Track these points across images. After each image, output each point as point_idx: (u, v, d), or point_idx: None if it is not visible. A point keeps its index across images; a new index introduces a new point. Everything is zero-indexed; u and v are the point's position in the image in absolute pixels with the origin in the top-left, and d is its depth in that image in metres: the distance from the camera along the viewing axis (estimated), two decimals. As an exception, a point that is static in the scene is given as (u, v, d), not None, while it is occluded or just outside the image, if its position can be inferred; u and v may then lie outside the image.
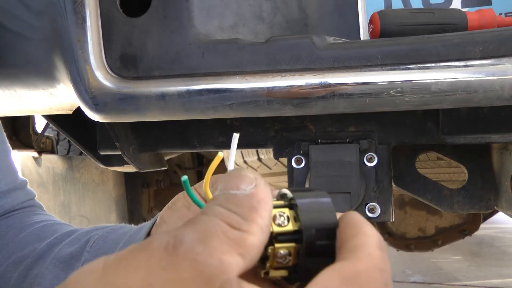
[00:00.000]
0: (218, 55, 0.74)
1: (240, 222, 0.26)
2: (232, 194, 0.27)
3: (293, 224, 0.29)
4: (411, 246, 2.11)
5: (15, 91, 0.87)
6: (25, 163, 1.72)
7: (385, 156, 0.90)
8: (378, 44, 0.72)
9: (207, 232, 0.25)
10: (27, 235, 0.56)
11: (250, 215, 0.26)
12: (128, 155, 0.97)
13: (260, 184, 0.28)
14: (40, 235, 0.55)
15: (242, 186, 0.27)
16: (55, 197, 1.83)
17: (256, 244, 0.26)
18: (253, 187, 0.27)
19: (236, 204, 0.27)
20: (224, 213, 0.26)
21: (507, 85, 0.68)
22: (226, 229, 0.25)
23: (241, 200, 0.27)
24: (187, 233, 0.25)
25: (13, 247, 0.55)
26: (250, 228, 0.26)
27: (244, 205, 0.27)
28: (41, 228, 0.57)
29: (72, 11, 0.74)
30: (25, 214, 0.61)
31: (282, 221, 0.29)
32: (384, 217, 0.89)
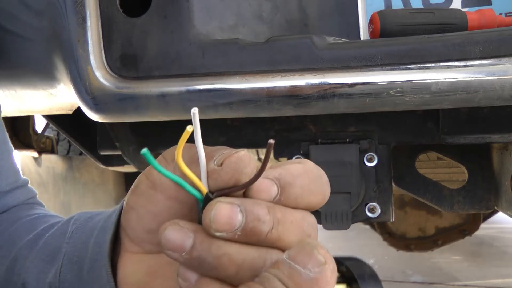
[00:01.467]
0: (218, 55, 0.74)
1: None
2: (297, 271, 0.27)
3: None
4: (411, 246, 2.11)
5: (15, 91, 0.87)
6: (25, 163, 1.72)
7: (385, 156, 0.90)
8: (378, 44, 0.72)
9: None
10: (18, 227, 0.56)
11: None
12: (128, 155, 0.98)
13: (327, 270, 0.27)
14: (29, 228, 0.55)
15: (310, 266, 0.27)
16: (55, 197, 1.83)
17: None
18: (319, 271, 0.27)
19: (297, 284, 0.26)
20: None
21: (507, 85, 0.68)
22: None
23: (303, 282, 0.26)
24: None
25: (4, 239, 0.55)
26: None
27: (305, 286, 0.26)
28: (31, 220, 0.57)
29: (72, 11, 0.74)
30: (21, 209, 0.61)
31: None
32: (384, 217, 0.89)
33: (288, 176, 0.34)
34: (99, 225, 0.47)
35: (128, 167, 1.18)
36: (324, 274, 0.27)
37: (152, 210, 0.39)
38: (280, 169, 0.35)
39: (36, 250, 0.51)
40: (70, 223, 0.51)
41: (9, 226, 0.56)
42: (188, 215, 0.38)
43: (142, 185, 0.40)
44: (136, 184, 0.41)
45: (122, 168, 1.22)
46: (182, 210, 0.38)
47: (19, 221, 0.57)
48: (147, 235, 0.40)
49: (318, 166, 0.36)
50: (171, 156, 0.38)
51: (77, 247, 0.48)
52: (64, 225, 0.51)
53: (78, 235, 0.49)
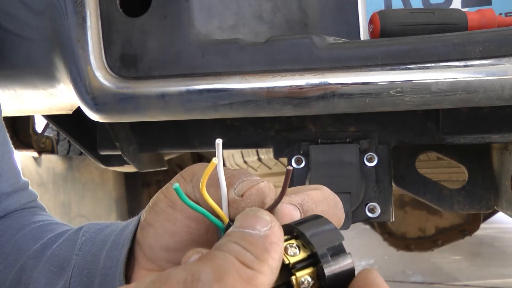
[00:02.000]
0: (218, 55, 0.74)
1: (253, 261, 0.27)
2: (248, 233, 0.29)
3: (304, 250, 0.31)
4: (411, 246, 2.11)
5: (15, 91, 0.87)
6: (25, 163, 1.72)
7: (385, 156, 0.90)
8: (378, 44, 0.72)
9: (223, 270, 0.27)
10: (24, 235, 0.55)
11: (263, 255, 0.28)
12: (128, 155, 0.98)
13: (274, 227, 0.29)
14: (36, 236, 0.55)
15: (258, 227, 0.29)
16: (55, 197, 1.83)
17: (265, 284, 0.27)
18: (268, 229, 0.29)
19: (251, 243, 0.28)
20: (238, 251, 0.28)
21: (507, 85, 0.68)
22: (240, 268, 0.27)
23: (255, 240, 0.28)
24: (204, 270, 0.26)
25: (10, 247, 0.54)
26: (261, 268, 0.27)
27: (258, 245, 0.28)
28: (37, 228, 0.56)
29: (72, 11, 0.74)
30: (24, 214, 0.60)
31: (294, 251, 0.31)
32: (384, 217, 0.89)
33: (310, 202, 0.37)
34: (111, 238, 0.47)
35: (128, 167, 1.18)
36: (273, 230, 0.29)
37: (170, 229, 0.40)
38: (302, 195, 0.37)
39: (43, 261, 0.50)
40: (79, 234, 0.51)
41: (14, 233, 0.56)
42: (205, 235, 0.39)
43: (161, 203, 0.40)
44: (154, 202, 0.41)
45: (122, 168, 1.22)
46: (199, 230, 0.39)
47: (24, 229, 0.56)
48: (164, 253, 0.41)
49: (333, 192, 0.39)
50: (190, 175, 0.39)
51: (87, 259, 0.47)
52: (73, 236, 0.51)
53: (88, 248, 0.48)
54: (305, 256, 0.31)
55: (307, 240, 0.31)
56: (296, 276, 0.30)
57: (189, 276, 0.26)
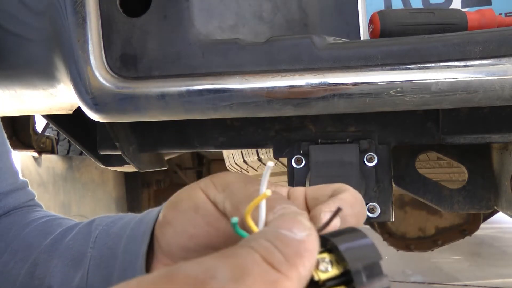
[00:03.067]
0: (218, 55, 0.74)
1: (282, 263, 0.24)
2: (283, 234, 0.25)
3: (337, 267, 0.28)
4: (411, 246, 2.11)
5: (15, 91, 0.87)
6: (25, 163, 1.72)
7: (385, 156, 0.90)
8: (378, 44, 0.72)
9: (243, 269, 0.23)
10: (31, 231, 0.56)
11: (294, 259, 0.25)
12: (128, 155, 0.98)
13: (313, 234, 0.26)
14: (44, 231, 0.55)
15: (295, 230, 0.26)
16: (55, 197, 1.83)
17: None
18: (306, 234, 0.26)
19: (284, 243, 0.25)
20: (268, 248, 0.25)
21: (507, 85, 0.68)
22: (265, 269, 0.24)
23: (290, 242, 0.25)
24: (221, 267, 0.23)
25: (18, 244, 0.55)
26: (290, 273, 0.24)
27: (292, 247, 0.25)
28: (44, 223, 0.57)
29: (72, 11, 0.74)
30: (25, 211, 0.61)
31: (326, 266, 0.28)
32: (384, 217, 0.89)
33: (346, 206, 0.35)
34: (127, 231, 0.46)
35: (128, 167, 1.18)
36: (311, 237, 0.26)
37: (190, 231, 0.38)
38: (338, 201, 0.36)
39: (57, 255, 0.50)
40: (91, 227, 0.50)
41: (20, 229, 0.56)
42: (223, 243, 0.37)
43: (184, 204, 0.39)
44: (176, 201, 0.40)
45: (122, 168, 1.22)
46: (219, 238, 0.38)
47: (30, 225, 0.57)
48: (181, 252, 0.40)
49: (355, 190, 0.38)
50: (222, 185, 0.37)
51: (104, 252, 0.47)
52: (85, 229, 0.51)
53: (103, 241, 0.48)
54: (338, 273, 0.28)
55: (341, 256, 0.28)
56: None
57: (201, 273, 0.23)
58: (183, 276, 0.23)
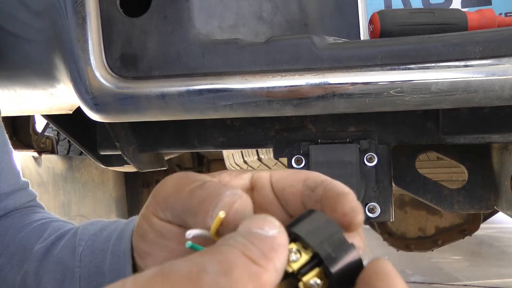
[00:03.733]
0: (218, 55, 0.74)
1: (260, 257, 0.26)
2: (255, 232, 0.28)
3: (306, 252, 0.30)
4: (411, 246, 2.11)
5: (15, 91, 0.87)
6: (25, 163, 1.72)
7: (385, 156, 0.90)
8: (378, 44, 0.72)
9: (230, 262, 0.26)
10: (26, 234, 0.56)
11: (270, 253, 0.27)
12: (128, 155, 0.98)
13: (283, 231, 0.28)
14: (38, 234, 0.55)
15: (266, 228, 0.28)
16: (55, 197, 1.83)
17: (270, 282, 0.26)
18: (276, 231, 0.28)
19: (258, 240, 0.27)
20: (245, 245, 0.27)
21: (507, 85, 0.68)
22: (246, 263, 0.26)
23: (263, 238, 0.27)
24: (210, 263, 0.25)
25: (15, 247, 0.55)
26: (267, 265, 0.26)
27: (266, 243, 0.27)
28: (39, 226, 0.56)
29: (72, 11, 0.74)
30: (24, 213, 0.61)
31: (296, 256, 0.29)
32: (384, 217, 0.89)
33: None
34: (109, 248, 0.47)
35: (128, 167, 1.18)
36: (282, 234, 0.28)
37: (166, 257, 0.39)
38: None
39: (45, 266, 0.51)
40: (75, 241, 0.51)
41: (17, 232, 0.56)
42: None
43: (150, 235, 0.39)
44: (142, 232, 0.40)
45: (122, 168, 1.22)
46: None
47: (26, 228, 0.57)
48: None
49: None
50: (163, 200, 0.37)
51: (92, 271, 0.48)
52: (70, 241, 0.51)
53: (89, 258, 0.49)
54: (308, 258, 0.29)
55: (305, 242, 0.30)
56: (303, 281, 0.29)
57: (194, 268, 0.25)
58: (176, 272, 0.25)
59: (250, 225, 0.28)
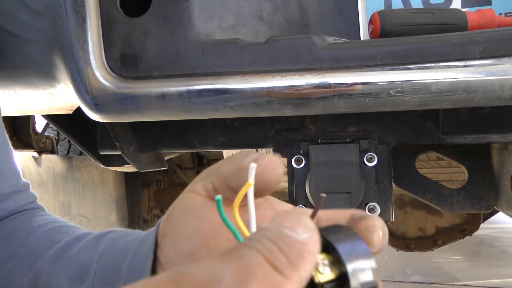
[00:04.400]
0: (218, 55, 0.74)
1: (285, 265, 0.24)
2: (286, 233, 0.25)
3: (334, 269, 0.29)
4: (411, 246, 2.11)
5: (15, 91, 0.87)
6: (25, 163, 1.72)
7: (385, 156, 0.90)
8: (378, 44, 0.72)
9: (248, 272, 0.24)
10: (37, 237, 0.55)
11: (297, 261, 0.25)
12: (128, 155, 0.98)
13: (315, 236, 0.26)
14: (50, 238, 0.54)
15: (299, 230, 0.26)
16: (55, 197, 1.83)
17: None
18: (308, 236, 0.26)
19: (287, 244, 0.25)
20: (271, 249, 0.25)
21: (507, 85, 0.68)
22: (268, 272, 0.24)
23: (292, 242, 0.25)
24: (225, 270, 0.24)
25: (24, 250, 0.54)
26: (292, 276, 0.24)
27: (295, 249, 0.25)
28: (50, 230, 0.56)
29: (72, 11, 0.74)
30: (29, 215, 0.60)
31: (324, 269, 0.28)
32: (384, 217, 0.89)
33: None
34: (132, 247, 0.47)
35: (128, 167, 1.18)
36: (314, 239, 0.26)
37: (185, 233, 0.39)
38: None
39: (61, 266, 0.50)
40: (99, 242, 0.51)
41: (24, 235, 0.56)
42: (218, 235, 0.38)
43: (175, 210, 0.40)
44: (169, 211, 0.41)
45: (122, 168, 1.22)
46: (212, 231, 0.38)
47: (35, 231, 0.56)
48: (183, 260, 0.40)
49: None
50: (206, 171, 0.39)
51: (109, 267, 0.47)
52: (93, 242, 0.51)
53: (108, 256, 0.48)
54: (335, 277, 0.28)
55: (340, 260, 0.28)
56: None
57: (207, 276, 0.23)
58: (189, 280, 0.23)
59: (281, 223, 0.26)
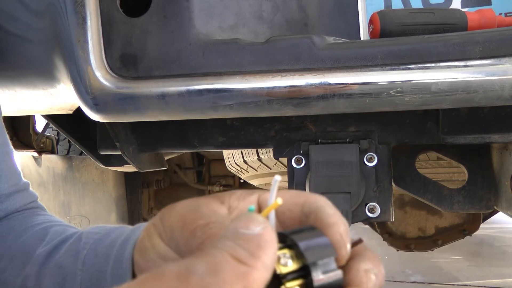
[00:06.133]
0: (218, 55, 0.74)
1: (247, 257, 0.28)
2: (241, 232, 0.29)
3: (297, 262, 0.32)
4: (411, 246, 2.11)
5: (15, 91, 0.87)
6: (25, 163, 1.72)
7: (385, 156, 0.90)
8: (378, 44, 0.72)
9: (217, 265, 0.27)
10: (28, 238, 0.55)
11: (257, 252, 0.28)
12: (128, 155, 0.98)
13: (267, 227, 0.30)
14: (40, 238, 0.54)
15: (252, 226, 0.29)
16: (55, 197, 1.83)
17: (259, 280, 0.28)
18: (261, 228, 0.29)
19: (245, 240, 0.29)
20: (232, 247, 0.28)
21: (507, 85, 0.68)
22: (234, 264, 0.27)
23: (249, 238, 0.29)
24: (198, 264, 0.27)
25: (16, 250, 0.54)
26: (255, 264, 0.28)
27: (252, 242, 0.29)
28: (40, 230, 0.56)
29: (72, 11, 0.74)
30: (26, 215, 0.60)
31: (286, 261, 0.31)
32: (384, 217, 0.89)
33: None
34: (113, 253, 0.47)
35: (128, 167, 1.18)
36: (267, 230, 0.29)
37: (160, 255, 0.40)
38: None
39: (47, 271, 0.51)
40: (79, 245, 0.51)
41: (18, 235, 0.56)
42: None
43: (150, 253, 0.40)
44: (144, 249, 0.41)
45: (122, 168, 1.23)
46: None
47: (28, 231, 0.56)
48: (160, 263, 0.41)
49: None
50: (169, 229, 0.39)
51: (94, 275, 0.48)
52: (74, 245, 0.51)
53: (91, 261, 0.49)
54: (297, 268, 0.31)
55: (300, 252, 0.31)
56: (285, 286, 0.31)
57: (183, 269, 0.27)
58: (167, 274, 0.27)
59: (236, 226, 0.30)
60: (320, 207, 0.37)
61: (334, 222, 0.35)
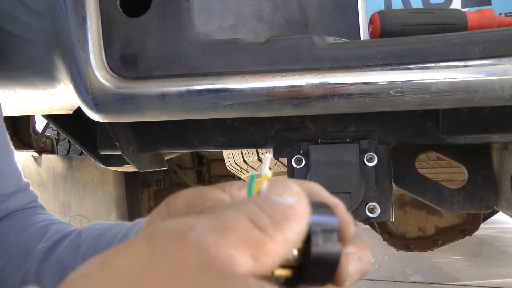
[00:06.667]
0: (218, 55, 0.74)
1: (268, 225, 0.24)
2: (272, 198, 0.25)
3: None
4: (411, 246, 2.11)
5: (15, 91, 0.87)
6: (25, 163, 1.72)
7: (385, 156, 0.90)
8: (378, 44, 0.72)
9: (226, 224, 0.23)
10: (29, 235, 0.56)
11: (281, 222, 0.24)
12: (128, 155, 0.98)
13: (303, 200, 0.26)
14: (40, 236, 0.55)
15: (285, 195, 0.26)
16: (55, 197, 1.83)
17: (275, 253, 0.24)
18: (295, 200, 0.26)
19: (272, 207, 0.25)
20: (254, 211, 0.24)
21: (507, 85, 0.68)
22: (249, 227, 0.23)
23: (277, 206, 0.25)
24: (200, 221, 0.23)
25: (16, 248, 0.55)
26: (275, 235, 0.24)
27: (279, 211, 0.25)
28: (40, 228, 0.57)
29: (73, 11, 0.74)
30: (27, 214, 0.61)
31: None
32: (384, 217, 0.89)
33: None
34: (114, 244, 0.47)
35: (128, 167, 1.18)
36: (301, 203, 0.26)
37: None
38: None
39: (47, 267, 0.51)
40: (80, 241, 0.51)
41: (18, 233, 0.56)
42: None
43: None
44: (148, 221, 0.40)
45: (122, 168, 1.22)
46: None
47: (28, 229, 0.57)
48: None
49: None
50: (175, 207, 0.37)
51: None
52: (74, 241, 0.51)
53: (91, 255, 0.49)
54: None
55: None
56: None
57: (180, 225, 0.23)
58: (163, 229, 0.23)
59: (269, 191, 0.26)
60: (315, 191, 0.35)
61: (336, 203, 0.33)
